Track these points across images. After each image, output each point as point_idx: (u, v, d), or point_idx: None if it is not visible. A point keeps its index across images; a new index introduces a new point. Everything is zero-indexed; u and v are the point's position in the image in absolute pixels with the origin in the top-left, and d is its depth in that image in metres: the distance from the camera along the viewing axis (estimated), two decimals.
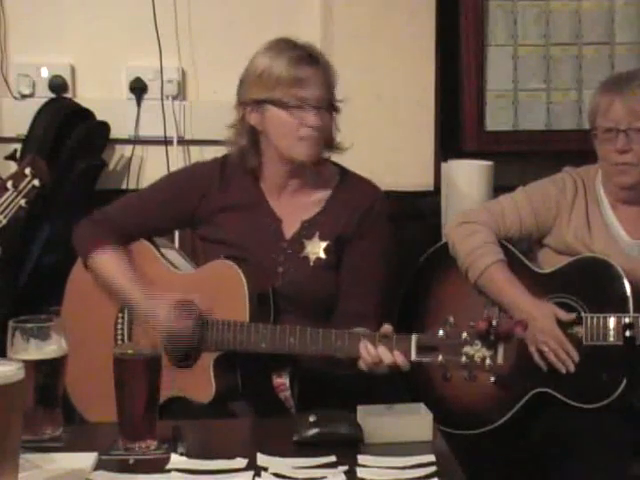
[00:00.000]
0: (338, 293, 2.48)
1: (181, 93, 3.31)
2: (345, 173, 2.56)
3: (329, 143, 2.49)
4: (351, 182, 2.54)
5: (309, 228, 2.49)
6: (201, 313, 2.36)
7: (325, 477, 1.76)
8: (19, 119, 3.19)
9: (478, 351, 2.07)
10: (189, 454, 1.85)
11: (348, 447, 1.89)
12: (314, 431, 1.92)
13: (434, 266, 2.83)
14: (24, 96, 3.26)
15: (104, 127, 3.22)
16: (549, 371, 2.55)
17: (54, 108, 3.18)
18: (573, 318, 2.56)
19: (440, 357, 2.13)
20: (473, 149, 3.35)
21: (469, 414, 2.63)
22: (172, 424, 1.98)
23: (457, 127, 3.37)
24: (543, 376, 2.56)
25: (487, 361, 2.07)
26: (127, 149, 3.31)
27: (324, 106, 2.42)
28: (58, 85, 3.26)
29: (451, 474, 1.79)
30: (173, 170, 2.91)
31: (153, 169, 3.25)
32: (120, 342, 2.48)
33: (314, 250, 2.47)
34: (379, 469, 1.80)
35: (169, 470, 1.80)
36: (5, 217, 2.34)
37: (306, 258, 2.47)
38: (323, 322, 2.41)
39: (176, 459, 1.84)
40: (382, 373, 2.24)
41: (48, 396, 1.90)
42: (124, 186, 3.30)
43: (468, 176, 3.18)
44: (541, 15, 3.38)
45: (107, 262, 2.49)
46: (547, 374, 2.55)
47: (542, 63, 3.40)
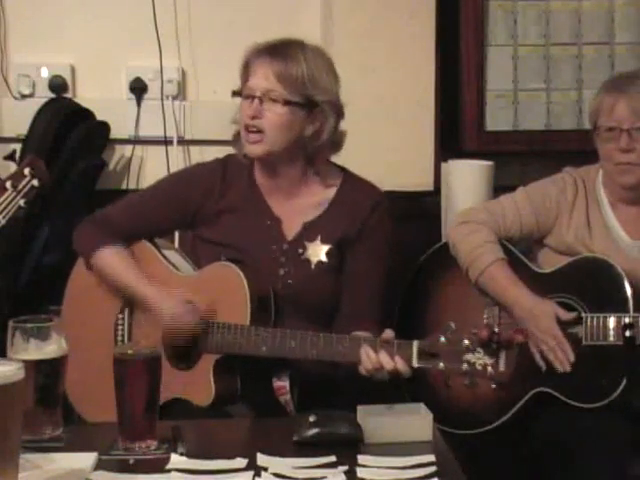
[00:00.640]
0: (340, 296, 2.47)
1: (181, 93, 3.31)
2: (347, 175, 2.55)
3: (284, 139, 2.41)
4: (354, 185, 2.53)
5: (310, 230, 2.48)
6: (202, 315, 2.36)
7: (325, 477, 1.76)
8: (19, 119, 3.18)
9: (480, 358, 2.07)
10: (189, 454, 1.85)
11: (348, 447, 1.88)
12: (314, 431, 1.92)
13: (434, 266, 2.83)
14: (24, 96, 3.26)
15: (104, 127, 3.21)
16: (549, 371, 2.55)
17: (54, 108, 3.17)
18: (573, 317, 2.56)
19: (441, 364, 2.12)
20: (473, 149, 3.34)
21: (469, 414, 2.62)
22: (172, 424, 1.97)
23: (457, 127, 3.37)
24: (543, 376, 2.56)
25: (489, 369, 2.06)
26: (127, 149, 3.31)
27: (274, 98, 2.38)
28: (58, 85, 3.25)
29: (451, 474, 1.79)
30: (174, 171, 2.90)
31: (153, 169, 3.25)
32: (120, 342, 2.48)
33: (316, 253, 2.46)
34: (379, 469, 1.80)
35: (169, 470, 1.80)
36: (4, 217, 2.34)
37: (307, 261, 2.46)
38: (324, 324, 2.41)
39: (176, 459, 1.84)
40: (382, 379, 2.23)
41: (48, 396, 1.90)
42: (124, 186, 3.30)
43: (468, 176, 3.17)
44: (541, 15, 3.38)
45: (112, 259, 2.48)
46: (547, 374, 2.55)
47: (542, 63, 3.40)
